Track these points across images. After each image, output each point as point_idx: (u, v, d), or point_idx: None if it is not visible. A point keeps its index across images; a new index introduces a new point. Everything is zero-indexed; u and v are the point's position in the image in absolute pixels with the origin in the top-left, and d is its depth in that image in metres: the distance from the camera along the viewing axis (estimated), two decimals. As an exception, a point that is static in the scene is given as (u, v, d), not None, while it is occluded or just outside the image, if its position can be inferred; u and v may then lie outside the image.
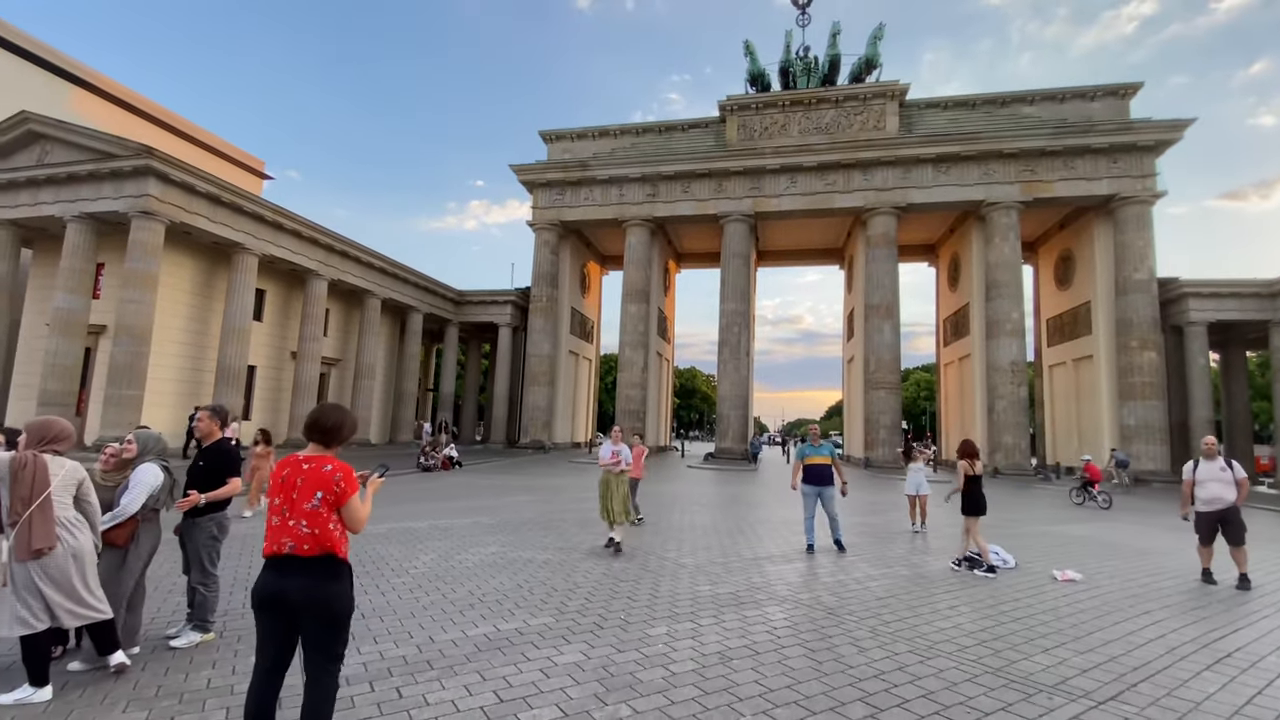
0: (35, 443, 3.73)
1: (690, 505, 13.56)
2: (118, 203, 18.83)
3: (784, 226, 36.05)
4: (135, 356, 18.71)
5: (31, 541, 3.50)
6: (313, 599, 2.68)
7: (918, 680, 4.07)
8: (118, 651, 3.90)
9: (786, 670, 4.19)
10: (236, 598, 5.64)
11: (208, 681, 3.83)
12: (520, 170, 33.72)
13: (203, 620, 4.60)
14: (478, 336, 40.00)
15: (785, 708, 3.62)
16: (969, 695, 3.84)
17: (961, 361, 33.28)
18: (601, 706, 3.57)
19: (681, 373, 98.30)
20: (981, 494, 7.93)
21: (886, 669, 4.26)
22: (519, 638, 4.68)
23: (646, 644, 4.63)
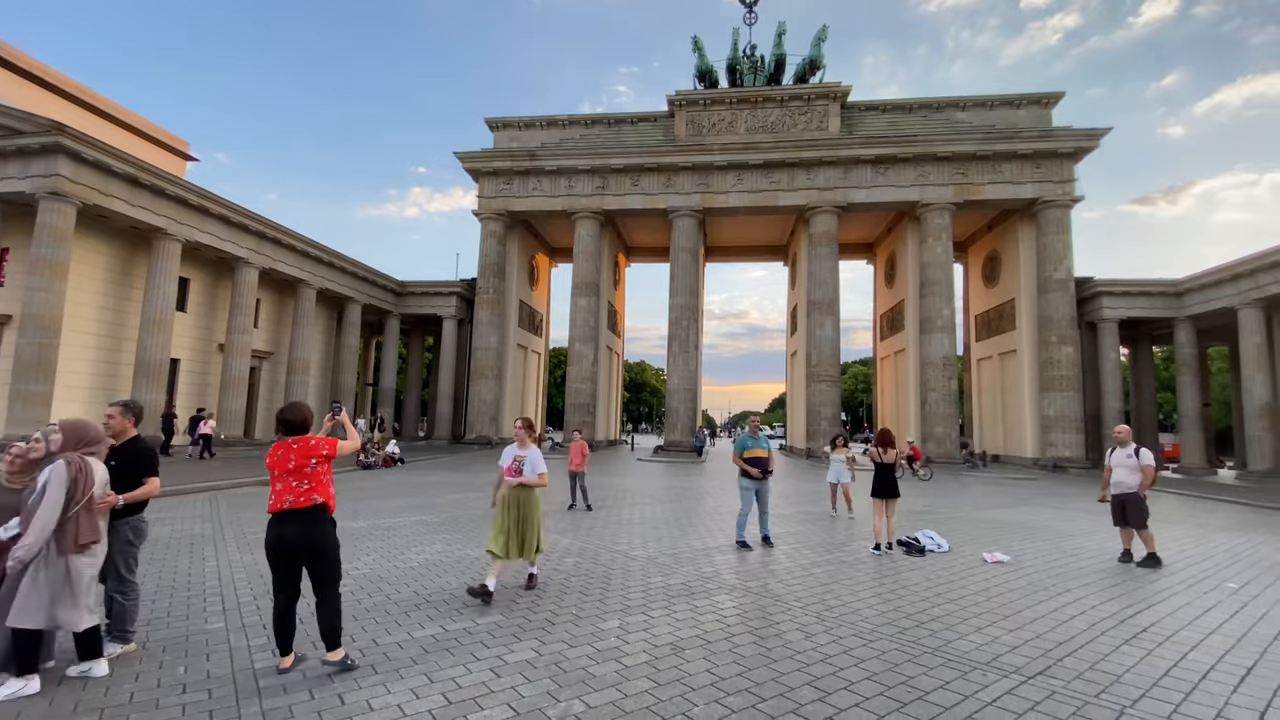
0: (74, 445, 3.89)
1: (640, 498, 13.62)
2: (24, 183, 17.23)
3: (731, 223, 36.61)
4: (43, 349, 17.21)
5: (79, 536, 3.66)
6: (310, 538, 3.89)
7: (862, 663, 4.22)
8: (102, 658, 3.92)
9: (737, 658, 4.27)
10: (160, 604, 5.29)
11: (130, 696, 3.57)
12: (466, 158, 32.86)
13: (122, 630, 4.28)
14: (420, 329, 38.83)
15: (737, 695, 3.68)
16: (910, 675, 4.01)
17: (897, 355, 34.70)
18: (554, 703, 3.53)
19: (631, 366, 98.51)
20: (892, 479, 8.34)
21: (833, 653, 4.40)
22: (467, 637, 4.57)
23: (599, 638, 4.61)
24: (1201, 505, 15.60)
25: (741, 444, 8.45)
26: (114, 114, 30.49)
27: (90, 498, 3.75)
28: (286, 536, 3.85)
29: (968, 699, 3.65)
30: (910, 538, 8.34)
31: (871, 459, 8.56)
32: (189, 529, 8.81)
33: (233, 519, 9.63)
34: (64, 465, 3.74)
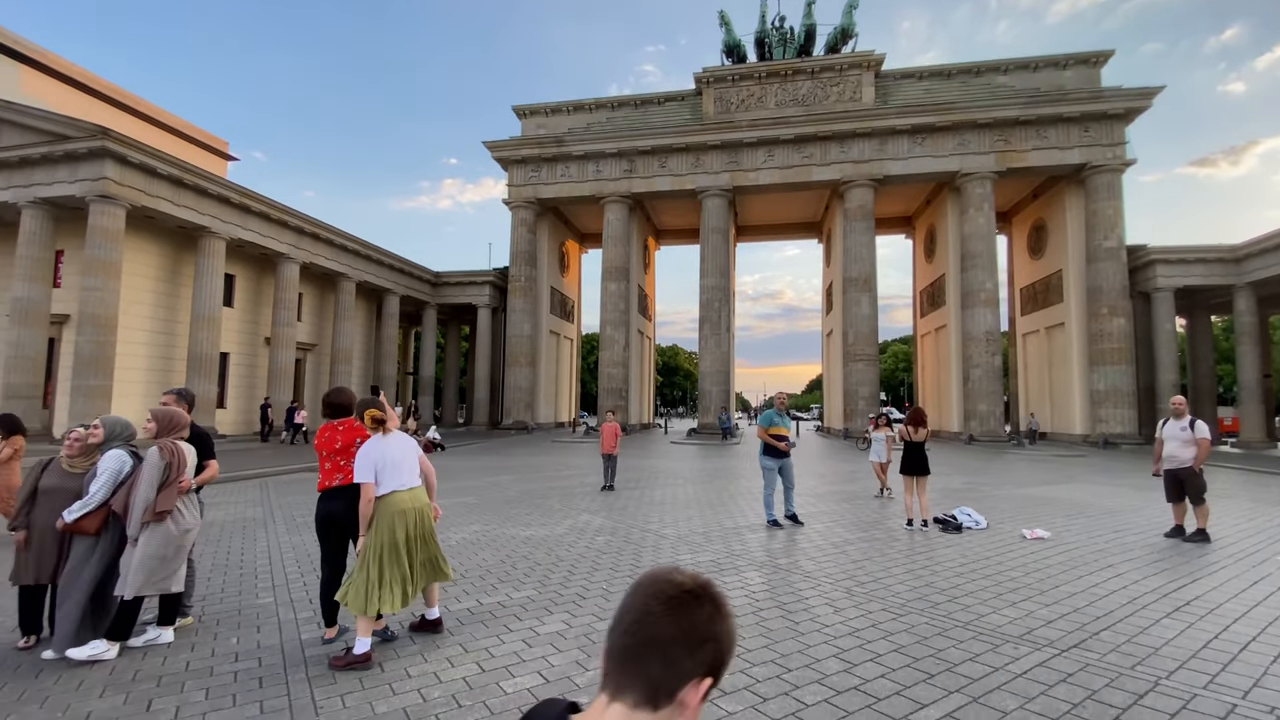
0: (167, 432, 4.27)
1: (672, 479, 13.69)
2: (74, 186, 18.13)
3: (762, 201, 36.00)
4: (101, 346, 18.20)
5: (157, 505, 4.02)
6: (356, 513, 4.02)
7: (890, 636, 4.20)
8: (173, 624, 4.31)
9: (764, 631, 4.30)
10: (215, 582, 5.60)
11: (186, 664, 3.81)
12: (494, 147, 33.08)
13: (183, 609, 4.56)
14: (456, 318, 39.54)
15: (762, 666, 3.71)
16: (939, 648, 3.98)
17: (938, 332, 33.77)
18: (583, 672, 3.63)
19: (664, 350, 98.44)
20: (922, 456, 8.21)
21: (861, 627, 4.39)
22: (501, 610, 4.72)
23: (627, 612, 4.70)
24: (1258, 480, 14.84)
25: (768, 419, 8.36)
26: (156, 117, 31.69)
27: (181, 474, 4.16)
28: (335, 512, 4.14)
29: (997, 671, 3.60)
30: (947, 515, 8.19)
31: (901, 437, 8.44)
32: (242, 513, 9.27)
33: (282, 503, 10.08)
34: (157, 451, 4.12)
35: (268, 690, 3.44)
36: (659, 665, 0.77)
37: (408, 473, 4.04)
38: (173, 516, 4.15)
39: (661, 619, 0.78)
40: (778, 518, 8.17)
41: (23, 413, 17.57)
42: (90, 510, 4.16)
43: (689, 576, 0.84)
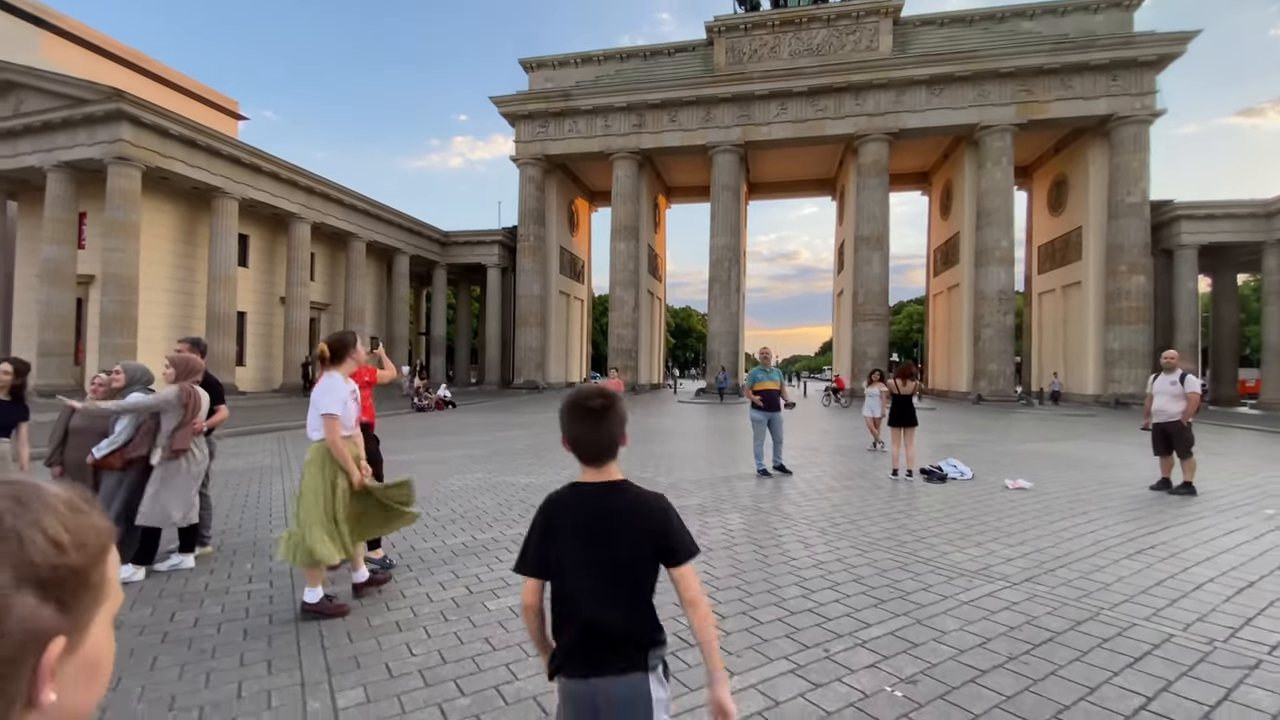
0: (185, 376, 4.61)
1: (673, 436, 14.02)
2: (93, 149, 18.39)
3: (775, 156, 35.32)
4: (124, 305, 18.74)
5: (174, 443, 4.41)
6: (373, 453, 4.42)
7: (852, 569, 4.47)
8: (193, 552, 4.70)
9: (734, 563, 4.59)
10: (233, 519, 6.02)
11: (205, 585, 4.20)
12: (501, 102, 32.63)
13: (202, 538, 4.97)
14: (467, 278, 39.75)
15: (726, 591, 4.01)
16: (896, 580, 4.24)
17: (950, 291, 33.38)
18: (560, 595, 3.95)
19: (677, 312, 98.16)
20: (909, 409, 8.44)
21: (826, 560, 4.66)
22: (494, 544, 5.07)
23: (610, 547, 5.01)
24: (1269, 440, 14.80)
25: (753, 377, 8.61)
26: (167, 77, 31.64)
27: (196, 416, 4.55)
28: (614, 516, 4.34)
29: (946, 599, 3.86)
30: (933, 466, 8.40)
31: (890, 390, 8.61)
32: (260, 461, 9.75)
33: (298, 453, 10.56)
34: (177, 390, 4.50)
35: (277, 605, 3.81)
36: (610, 444, 1.55)
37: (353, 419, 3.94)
38: (187, 454, 4.50)
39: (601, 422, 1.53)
40: (767, 468, 8.44)
41: (56, 369, 18.35)
42: (116, 448, 4.53)
43: (595, 391, 1.59)
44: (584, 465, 1.58)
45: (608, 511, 1.52)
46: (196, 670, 2.95)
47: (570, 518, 1.52)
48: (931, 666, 2.96)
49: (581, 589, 1.48)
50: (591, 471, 1.57)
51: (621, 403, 1.59)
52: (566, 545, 1.50)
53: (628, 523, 1.51)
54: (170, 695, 2.71)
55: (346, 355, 3.89)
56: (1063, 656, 3.04)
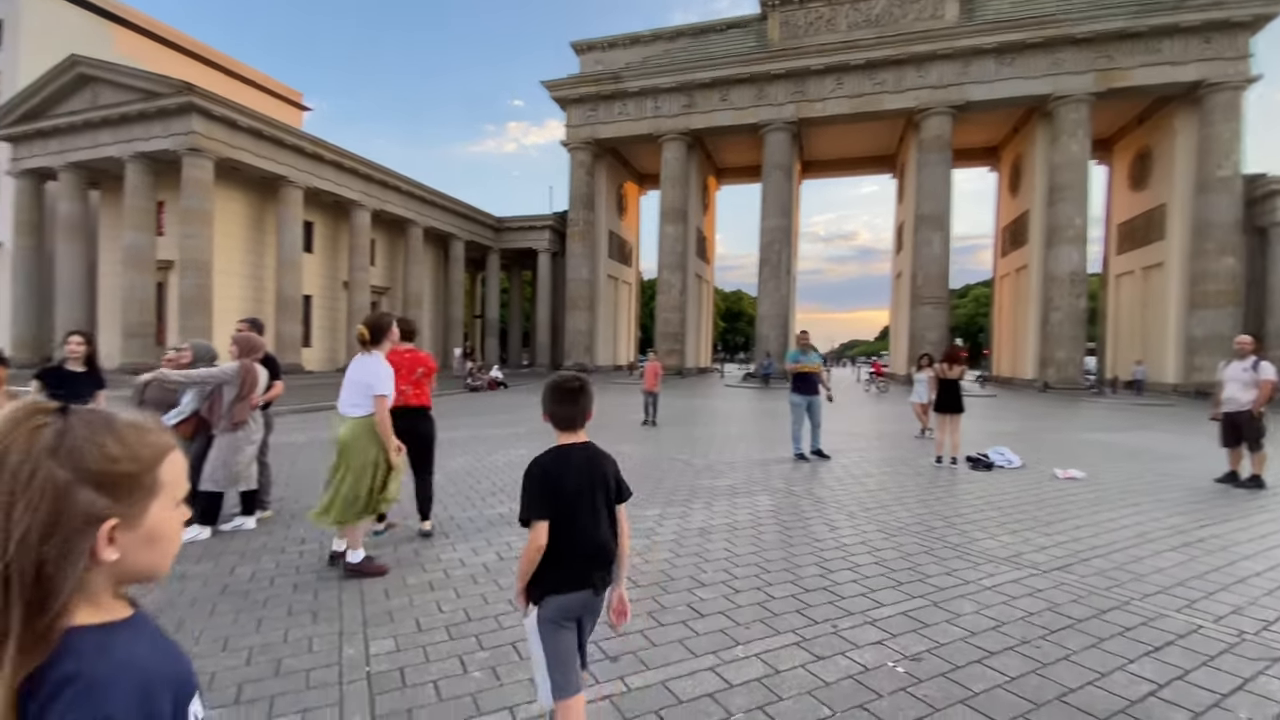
0: (246, 353, 4.99)
1: (715, 418, 14.04)
2: (167, 141, 19.70)
3: (831, 133, 34.18)
4: (200, 289, 20.13)
5: (235, 416, 4.81)
6: (417, 430, 4.67)
7: (876, 551, 4.45)
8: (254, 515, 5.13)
9: (756, 542, 4.65)
10: (292, 488, 6.48)
11: (264, 543, 4.59)
12: (552, 86, 32.83)
13: (262, 500, 5.41)
14: (519, 263, 40.54)
15: (744, 567, 4.08)
16: (919, 563, 4.20)
17: (1018, 273, 31.72)
18: (583, 565, 4.13)
19: (727, 295, 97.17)
20: (955, 394, 8.18)
21: (850, 543, 4.66)
22: (525, 517, 5.30)
23: (638, 522, 5.16)
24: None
25: (793, 357, 8.52)
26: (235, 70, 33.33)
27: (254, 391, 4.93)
28: (406, 428, 4.64)
29: (967, 584, 3.81)
30: (980, 454, 8.15)
31: (936, 375, 8.37)
32: (319, 435, 10.37)
33: (355, 428, 11.17)
34: (238, 365, 4.88)
35: (325, 564, 4.13)
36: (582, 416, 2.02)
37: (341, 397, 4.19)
38: (245, 426, 4.89)
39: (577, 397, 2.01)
40: (805, 452, 8.38)
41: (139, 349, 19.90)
42: (184, 418, 4.98)
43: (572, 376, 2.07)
44: (561, 432, 2.02)
45: (590, 462, 1.99)
46: (249, 618, 3.27)
47: (567, 471, 1.93)
48: (938, 646, 2.96)
49: (588, 520, 1.91)
50: (567, 436, 2.01)
51: (590, 386, 2.07)
52: (571, 491, 1.90)
53: (602, 469, 1.99)
54: (225, 637, 3.02)
55: (384, 337, 4.14)
56: (1078, 643, 2.98)
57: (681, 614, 3.34)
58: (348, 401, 4.07)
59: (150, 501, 0.72)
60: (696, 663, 2.80)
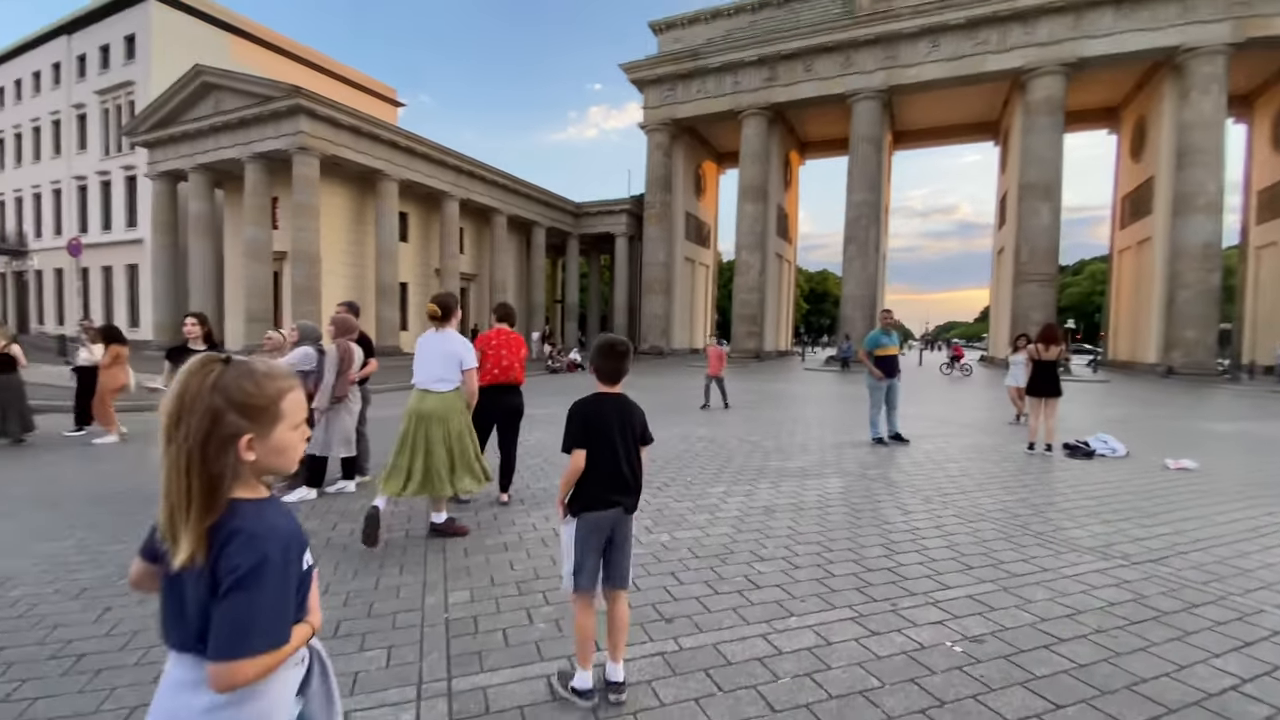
0: (343, 334, 5.45)
1: (790, 401, 13.80)
2: (279, 141, 21.50)
3: (925, 100, 32.11)
4: (309, 277, 21.96)
5: (335, 391, 5.27)
6: (510, 404, 5.11)
7: (948, 536, 4.31)
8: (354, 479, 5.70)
9: (821, 522, 4.62)
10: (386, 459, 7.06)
11: (360, 505, 5.06)
12: (630, 68, 32.84)
13: (361, 467, 5.97)
14: (597, 248, 41.16)
15: (806, 545, 4.09)
16: (994, 549, 4.04)
17: (1140, 246, 28.72)
18: (648, 534, 4.29)
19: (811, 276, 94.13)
20: (1052, 376, 7.65)
21: (921, 526, 4.53)
22: (595, 490, 5.53)
23: (702, 498, 5.26)
24: None
25: (874, 340, 8.19)
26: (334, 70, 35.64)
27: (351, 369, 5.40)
28: (498, 403, 5.01)
29: (1046, 571, 3.63)
30: (1079, 441, 7.58)
31: (1031, 356, 7.81)
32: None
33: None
34: (335, 348, 5.34)
35: (413, 524, 4.54)
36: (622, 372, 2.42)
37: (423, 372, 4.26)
38: (345, 400, 5.40)
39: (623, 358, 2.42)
40: (883, 436, 8.12)
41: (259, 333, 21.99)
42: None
43: (620, 339, 2.46)
44: (604, 384, 2.45)
45: (624, 409, 2.41)
46: (347, 567, 3.67)
47: (605, 413, 2.37)
48: (1003, 630, 2.87)
49: (615, 454, 2.33)
50: (606, 387, 2.44)
51: (631, 349, 2.50)
52: (604, 429, 2.34)
53: (631, 416, 2.41)
54: (327, 583, 3.42)
55: (453, 315, 4.41)
56: (1160, 635, 2.80)
57: (738, 584, 3.42)
58: (434, 376, 4.24)
59: (276, 424, 1.06)
60: (748, 629, 2.88)
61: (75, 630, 2.84)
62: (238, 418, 1.01)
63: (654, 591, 3.32)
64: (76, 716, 2.18)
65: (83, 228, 30.72)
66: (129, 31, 28.80)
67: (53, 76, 32.37)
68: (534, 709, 2.25)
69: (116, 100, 29.42)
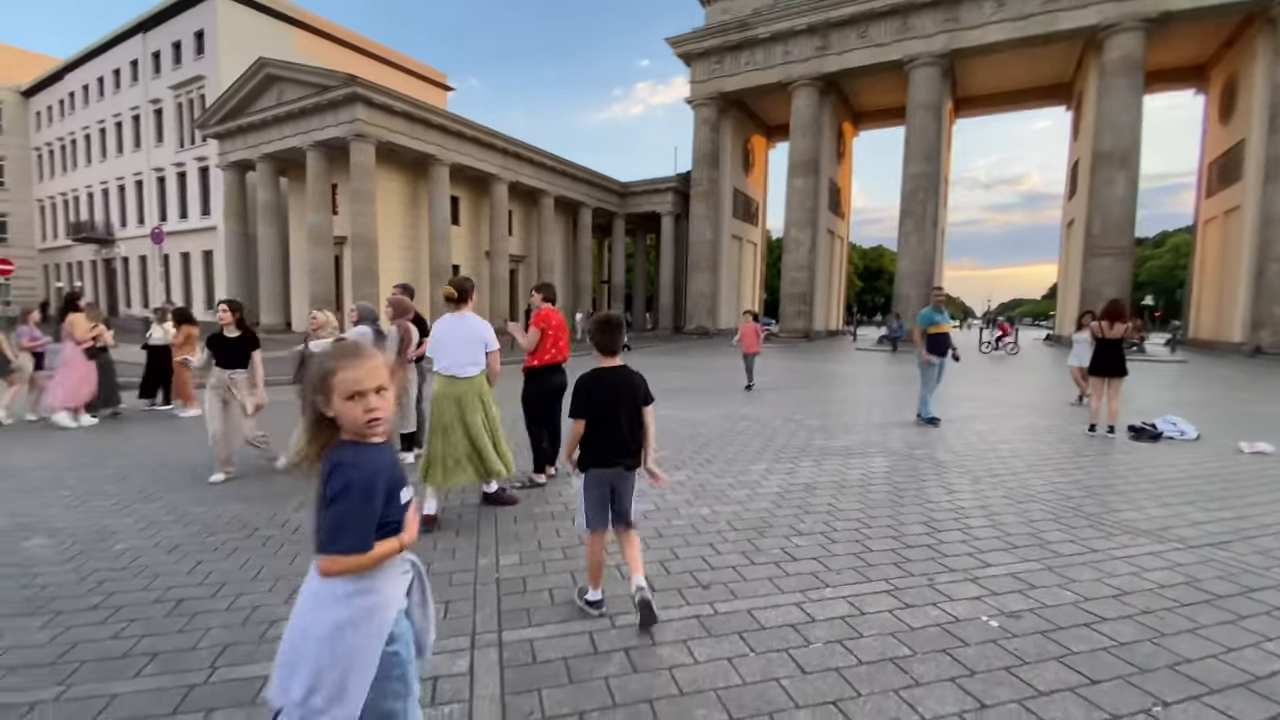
0: (400, 315, 5.76)
1: (839, 381, 13.60)
2: (337, 129, 22.27)
3: (990, 64, 30.33)
4: (368, 261, 22.84)
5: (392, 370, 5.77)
6: (562, 383, 5.12)
7: (994, 516, 4.26)
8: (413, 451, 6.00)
9: (863, 499, 4.63)
10: (442, 432, 7.42)
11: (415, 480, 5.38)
12: (676, 42, 32.32)
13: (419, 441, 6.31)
14: (643, 227, 41.05)
15: (845, 521, 4.12)
16: (1041, 530, 3.97)
17: (1227, 216, 26.58)
18: (688, 506, 4.41)
19: (866, 252, 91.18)
20: (1117, 355, 7.25)
21: (966, 506, 4.48)
22: (639, 465, 5.68)
23: (743, 475, 5.34)
24: None
25: (928, 318, 7.98)
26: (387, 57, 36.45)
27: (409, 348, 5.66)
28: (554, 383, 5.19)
29: (1095, 553, 3.56)
30: (1146, 422, 7.23)
31: (1093, 333, 7.45)
32: (466, 388, 11.62)
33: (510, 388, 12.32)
34: (395, 329, 5.65)
35: (467, 494, 4.79)
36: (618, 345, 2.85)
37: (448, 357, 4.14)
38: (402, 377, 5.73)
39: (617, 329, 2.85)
40: (934, 414, 7.96)
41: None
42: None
43: (613, 314, 2.96)
44: (602, 356, 2.83)
45: (624, 379, 2.79)
46: (408, 530, 3.94)
47: (604, 386, 2.77)
48: (1043, 607, 2.86)
49: (616, 421, 2.74)
50: (606, 360, 2.83)
51: (624, 322, 2.90)
52: (604, 400, 2.74)
53: (634, 384, 2.81)
54: (390, 543, 3.69)
55: (470, 297, 4.36)
56: (1211, 618, 2.74)
57: (775, 556, 3.51)
58: (463, 360, 4.11)
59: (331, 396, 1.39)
60: (783, 598, 2.97)
61: (172, 579, 3.19)
62: (312, 392, 1.41)
63: (692, 560, 3.44)
64: (178, 651, 2.49)
65: (162, 216, 32.77)
66: (198, 28, 30.22)
67: (131, 73, 34.33)
68: (577, 660, 2.42)
69: (189, 94, 31.02)
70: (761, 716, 2.08)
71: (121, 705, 2.13)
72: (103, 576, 3.21)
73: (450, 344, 4.15)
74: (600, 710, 2.11)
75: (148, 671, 2.34)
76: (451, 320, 4.23)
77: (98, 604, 2.90)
